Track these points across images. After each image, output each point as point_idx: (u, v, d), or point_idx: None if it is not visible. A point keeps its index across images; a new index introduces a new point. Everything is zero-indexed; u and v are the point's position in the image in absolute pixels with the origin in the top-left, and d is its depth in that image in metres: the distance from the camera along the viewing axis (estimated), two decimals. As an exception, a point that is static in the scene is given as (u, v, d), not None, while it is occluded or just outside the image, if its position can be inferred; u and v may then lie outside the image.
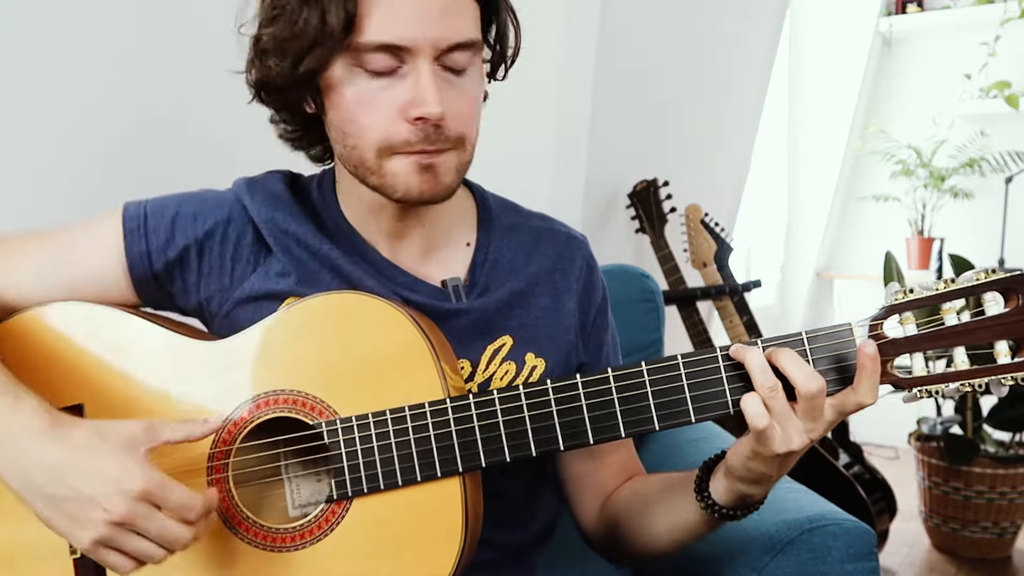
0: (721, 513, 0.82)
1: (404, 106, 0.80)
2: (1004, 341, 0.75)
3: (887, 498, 2.47)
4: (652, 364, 0.79)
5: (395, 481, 0.80)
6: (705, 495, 0.82)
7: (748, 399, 0.75)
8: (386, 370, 0.81)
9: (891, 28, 3.66)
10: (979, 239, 3.43)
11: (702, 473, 0.84)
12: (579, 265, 0.99)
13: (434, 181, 0.84)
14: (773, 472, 0.78)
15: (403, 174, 0.83)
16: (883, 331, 0.76)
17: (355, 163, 0.85)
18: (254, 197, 0.90)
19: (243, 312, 0.89)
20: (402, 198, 0.84)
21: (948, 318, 0.75)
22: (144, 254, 0.89)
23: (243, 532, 0.82)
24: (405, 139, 0.81)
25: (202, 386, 0.84)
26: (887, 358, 0.76)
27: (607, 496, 0.98)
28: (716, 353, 0.78)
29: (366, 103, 0.81)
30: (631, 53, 2.10)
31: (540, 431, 0.80)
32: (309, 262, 0.89)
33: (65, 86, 1.28)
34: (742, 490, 0.80)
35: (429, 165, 0.82)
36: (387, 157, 0.82)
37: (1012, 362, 0.75)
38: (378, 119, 0.81)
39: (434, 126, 0.80)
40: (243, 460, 0.84)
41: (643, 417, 0.79)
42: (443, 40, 0.79)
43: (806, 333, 0.77)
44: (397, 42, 0.78)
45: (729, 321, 2.25)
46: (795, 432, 0.74)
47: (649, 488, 0.93)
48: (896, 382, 0.77)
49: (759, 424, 0.74)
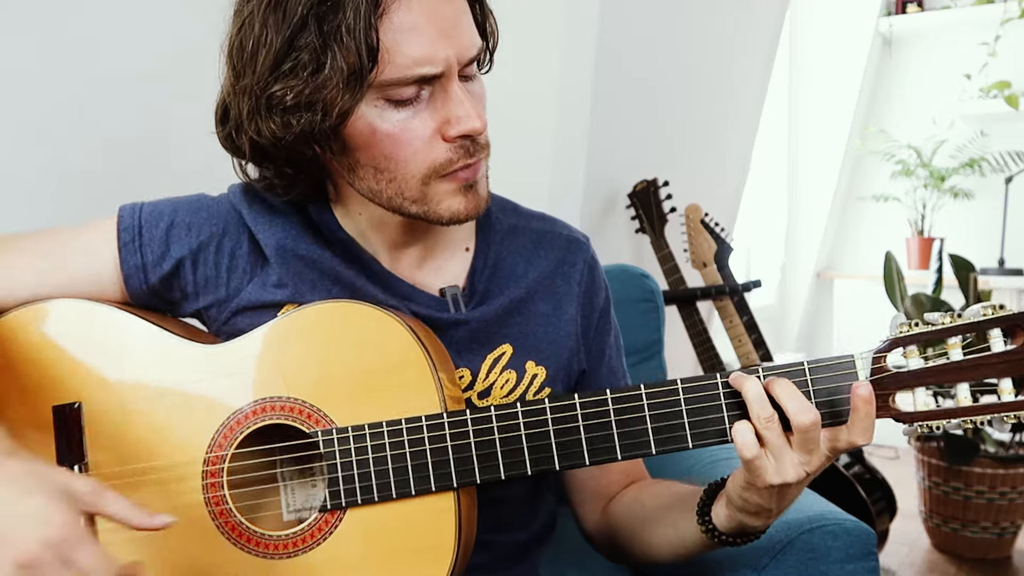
0: (721, 539, 0.82)
1: (440, 127, 0.78)
2: (1008, 378, 0.74)
3: (887, 498, 2.47)
4: (651, 388, 0.78)
5: (389, 493, 0.80)
6: (707, 519, 0.82)
7: (739, 428, 0.74)
8: (383, 380, 0.81)
9: (891, 28, 3.67)
10: (979, 239, 3.44)
11: (705, 497, 0.83)
12: (580, 268, 0.97)
13: (477, 199, 0.83)
14: (772, 505, 0.76)
15: (447, 198, 0.82)
16: (886, 363, 0.75)
17: (391, 196, 0.82)
18: (251, 205, 0.89)
19: (240, 321, 0.88)
20: (449, 221, 0.84)
21: (953, 353, 0.74)
22: (139, 267, 0.88)
23: (236, 537, 0.82)
24: (448, 159, 0.79)
25: (199, 389, 0.84)
26: (888, 392, 0.75)
27: (609, 499, 0.98)
28: (716, 380, 0.77)
29: (399, 136, 0.78)
30: (631, 53, 2.10)
31: (536, 450, 0.79)
32: (307, 271, 0.88)
33: (54, 92, 1.28)
34: (741, 520, 0.79)
35: (471, 184, 0.82)
36: (432, 182, 0.81)
37: (1016, 400, 0.74)
38: (416, 148, 0.78)
39: (472, 140, 0.80)
40: (239, 465, 0.84)
41: (640, 441, 0.78)
42: (465, 53, 0.78)
43: (808, 363, 0.76)
44: (432, 71, 0.75)
45: (729, 321, 2.25)
46: (789, 464, 0.73)
47: (652, 502, 0.93)
48: (898, 416, 0.76)
49: (747, 454, 0.73)
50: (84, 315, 0.87)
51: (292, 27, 0.73)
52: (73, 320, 0.87)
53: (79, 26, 1.28)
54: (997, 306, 0.73)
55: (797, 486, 0.75)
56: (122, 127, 1.35)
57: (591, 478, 0.98)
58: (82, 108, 1.31)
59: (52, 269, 0.88)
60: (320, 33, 0.73)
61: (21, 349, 0.85)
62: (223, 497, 0.82)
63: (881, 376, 0.75)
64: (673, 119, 2.43)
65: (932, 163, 3.54)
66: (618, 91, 2.08)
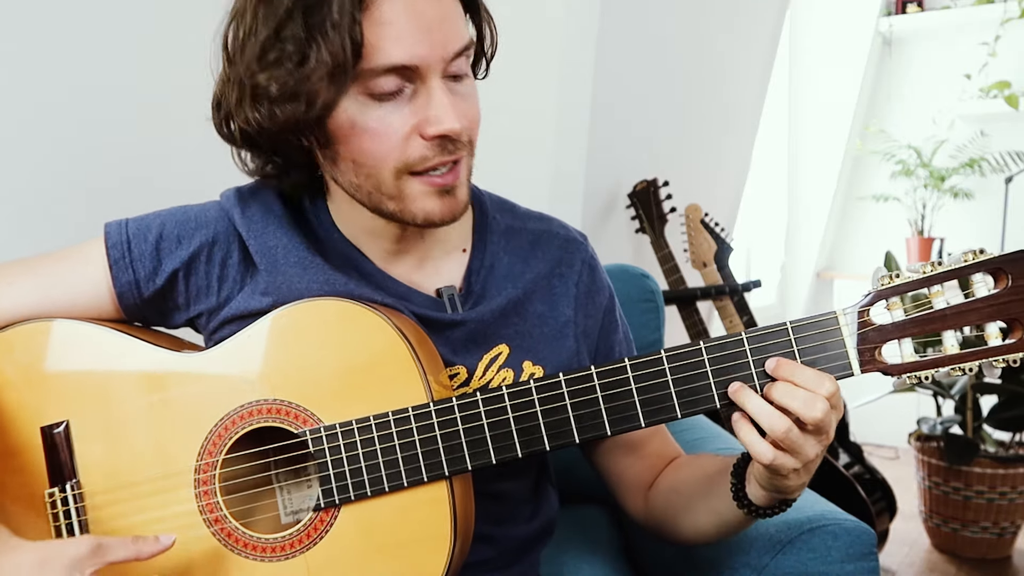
0: (764, 514, 0.82)
1: (419, 125, 0.78)
2: (994, 323, 0.73)
3: (887, 498, 2.47)
4: (636, 360, 0.78)
5: (382, 487, 0.80)
6: (745, 502, 0.82)
7: (749, 441, 0.75)
8: (367, 374, 0.81)
9: (891, 28, 3.66)
10: (979, 239, 3.43)
11: (735, 480, 0.83)
12: (578, 269, 0.97)
13: (453, 203, 0.83)
14: (801, 480, 0.77)
15: (422, 199, 0.82)
16: (870, 317, 0.75)
17: (369, 191, 0.83)
18: (244, 211, 0.89)
19: (230, 330, 0.88)
20: (424, 223, 0.83)
21: (936, 301, 0.74)
22: (132, 283, 0.88)
23: (233, 543, 0.82)
24: (422, 155, 0.79)
25: (185, 398, 0.84)
26: (874, 345, 0.75)
27: (649, 487, 0.97)
28: (700, 346, 0.77)
29: (378, 130, 0.78)
30: (631, 53, 2.10)
31: (525, 432, 0.79)
32: (300, 275, 0.87)
33: (50, 99, 1.28)
34: (775, 494, 0.80)
35: (448, 189, 0.82)
36: (405, 178, 0.81)
37: (1003, 344, 0.73)
38: (393, 143, 0.79)
39: (450, 139, 0.80)
40: (230, 471, 0.84)
41: (629, 414, 0.79)
42: (449, 50, 0.78)
43: (791, 323, 0.76)
44: (409, 62, 0.76)
45: (729, 321, 2.25)
46: (810, 449, 0.74)
47: (687, 489, 0.92)
48: (884, 369, 0.76)
49: (764, 461, 0.74)
50: (70, 334, 0.87)
51: (279, 18, 0.75)
52: (60, 340, 0.87)
53: (73, 32, 1.28)
54: (978, 251, 0.73)
55: (820, 457, 0.76)
56: (117, 134, 1.35)
57: (628, 468, 0.98)
58: (79, 114, 1.31)
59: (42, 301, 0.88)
60: (305, 26, 0.74)
61: (8, 370, 0.86)
62: (216, 504, 0.82)
63: (866, 330, 0.75)
64: (673, 119, 2.43)
65: (932, 163, 3.53)
66: (618, 91, 2.08)
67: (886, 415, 3.26)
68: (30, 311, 0.88)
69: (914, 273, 0.74)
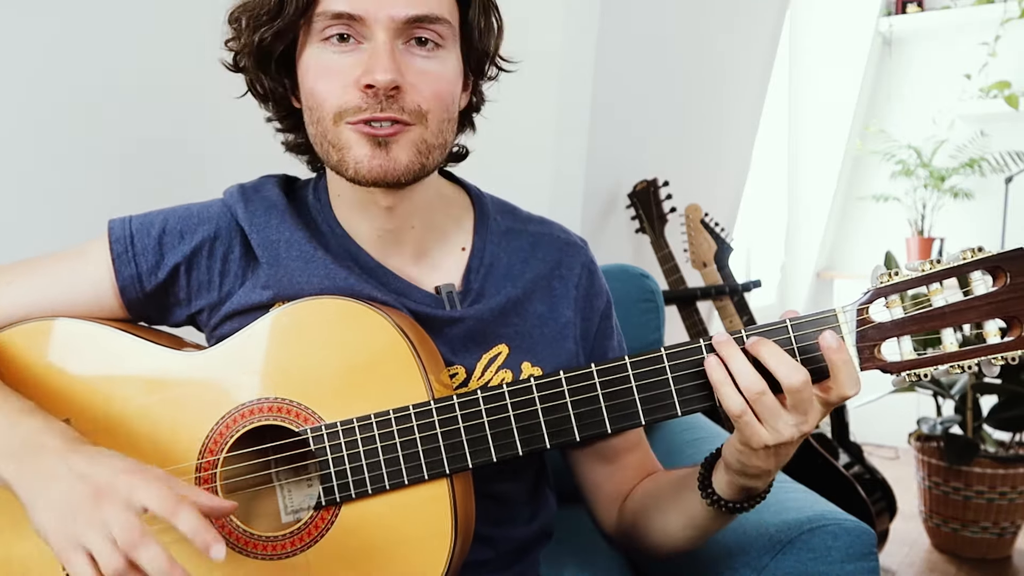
0: (727, 507, 0.82)
1: (359, 76, 0.81)
2: (993, 321, 0.73)
3: (887, 498, 2.47)
4: (636, 358, 0.79)
5: (382, 485, 0.80)
6: (709, 491, 0.82)
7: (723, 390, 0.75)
8: (369, 374, 0.81)
9: (891, 28, 3.67)
10: (979, 239, 3.43)
11: (704, 470, 0.83)
12: (578, 272, 0.97)
13: (386, 158, 0.82)
14: (769, 465, 0.77)
15: (356, 147, 0.82)
16: (869, 315, 0.75)
17: (319, 141, 0.84)
18: (248, 205, 0.90)
19: (231, 326, 0.88)
20: (353, 176, 0.83)
21: (936, 299, 0.74)
22: (134, 277, 0.89)
23: (234, 541, 0.82)
24: (356, 105, 0.80)
25: (186, 397, 0.84)
26: (873, 343, 0.75)
27: (625, 497, 0.97)
28: (700, 344, 0.78)
29: (324, 72, 0.82)
30: (630, 53, 2.10)
31: (525, 429, 0.80)
32: (302, 269, 0.87)
33: (51, 97, 1.28)
34: (742, 483, 0.79)
35: (381, 141, 0.81)
36: (340, 125, 0.82)
37: (1002, 341, 0.73)
38: (334, 86, 0.81)
39: (387, 96, 0.80)
40: (231, 470, 0.84)
41: (629, 412, 0.79)
42: (399, 12, 0.80)
43: (790, 321, 0.76)
44: (352, 11, 0.80)
45: (729, 321, 2.25)
46: (784, 426, 0.74)
47: (660, 487, 0.93)
48: (883, 367, 0.75)
49: (735, 410, 0.74)
50: (71, 333, 0.87)
51: None
52: (60, 338, 0.87)
53: (73, 32, 1.28)
54: (976, 249, 0.73)
55: (794, 444, 0.76)
56: (117, 134, 1.36)
57: (606, 479, 0.98)
58: (87, 112, 1.31)
59: (44, 302, 0.88)
60: None
61: (7, 369, 0.86)
62: None
63: (865, 328, 0.75)
64: (673, 119, 2.43)
65: (932, 163, 3.54)
66: (618, 91, 2.09)
67: (886, 415, 3.26)
68: (30, 310, 0.88)
69: (913, 271, 0.74)
